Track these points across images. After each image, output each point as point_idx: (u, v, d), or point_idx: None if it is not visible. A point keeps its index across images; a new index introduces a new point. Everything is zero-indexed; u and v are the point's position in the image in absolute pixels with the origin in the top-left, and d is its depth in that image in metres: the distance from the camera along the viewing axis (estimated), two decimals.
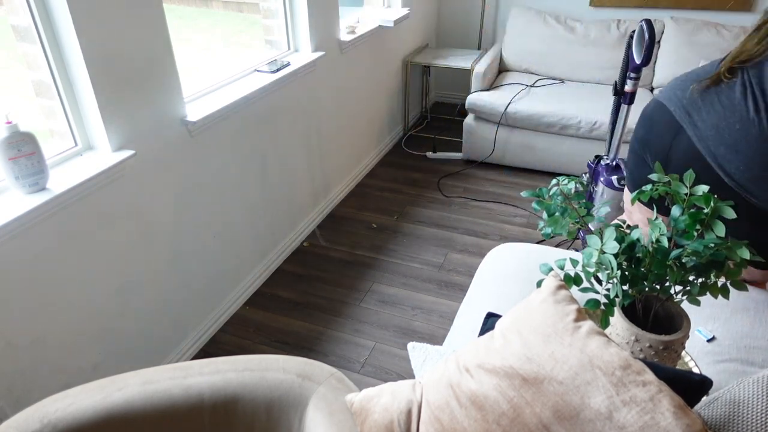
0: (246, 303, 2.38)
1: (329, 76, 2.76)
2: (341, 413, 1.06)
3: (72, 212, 1.52)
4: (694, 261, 1.02)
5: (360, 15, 3.23)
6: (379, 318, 2.28)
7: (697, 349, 1.39)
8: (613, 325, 1.16)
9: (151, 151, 1.74)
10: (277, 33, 2.51)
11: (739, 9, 3.41)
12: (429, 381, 1.02)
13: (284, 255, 2.64)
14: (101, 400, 1.06)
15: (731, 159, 1.33)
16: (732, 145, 1.33)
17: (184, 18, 7.30)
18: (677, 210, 1.07)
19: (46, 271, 1.48)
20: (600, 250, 1.06)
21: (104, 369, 1.73)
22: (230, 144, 2.11)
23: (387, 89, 3.55)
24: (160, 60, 1.71)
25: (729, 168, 1.34)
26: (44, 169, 1.43)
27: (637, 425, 0.79)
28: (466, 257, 2.64)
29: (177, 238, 1.93)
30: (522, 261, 1.74)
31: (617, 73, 3.49)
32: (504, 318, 1.04)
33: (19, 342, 1.45)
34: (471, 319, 1.55)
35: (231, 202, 2.19)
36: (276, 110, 2.37)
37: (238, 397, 1.10)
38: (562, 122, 3.10)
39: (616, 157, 2.41)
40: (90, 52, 1.47)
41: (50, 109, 1.55)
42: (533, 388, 0.87)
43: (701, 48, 3.30)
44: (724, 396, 0.92)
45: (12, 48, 4.16)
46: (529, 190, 1.24)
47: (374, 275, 2.52)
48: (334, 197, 3.07)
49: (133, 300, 1.79)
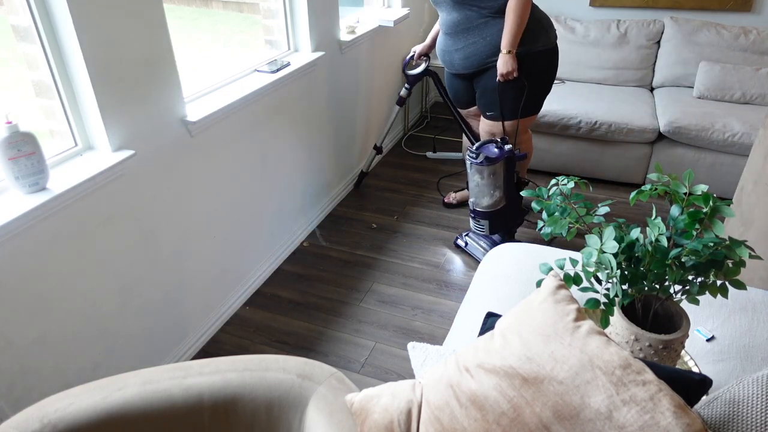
0: (246, 303, 2.38)
1: (329, 76, 2.76)
2: (341, 413, 1.07)
3: (72, 212, 1.52)
4: (694, 260, 1.02)
5: (360, 15, 3.23)
6: (379, 318, 2.28)
7: (697, 348, 1.39)
8: (613, 324, 1.16)
9: (151, 151, 1.74)
10: (277, 33, 2.51)
11: (738, 9, 3.41)
12: (429, 381, 1.02)
13: (284, 255, 2.64)
14: (101, 400, 1.06)
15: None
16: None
17: (184, 18, 7.30)
18: (676, 209, 1.07)
19: (46, 271, 1.48)
20: (599, 249, 1.06)
21: (104, 369, 1.73)
22: (230, 144, 2.12)
23: (387, 89, 3.56)
24: (160, 60, 1.71)
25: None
26: (44, 169, 1.43)
27: (637, 424, 0.79)
28: (466, 257, 2.64)
29: (177, 238, 1.93)
30: (522, 261, 1.74)
31: (617, 73, 3.49)
32: (504, 318, 1.04)
33: (20, 342, 1.45)
34: (471, 319, 1.55)
35: (231, 201, 2.19)
36: (276, 110, 2.37)
37: (238, 397, 1.10)
38: (562, 122, 3.10)
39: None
40: (90, 52, 1.47)
41: (50, 109, 1.55)
42: (533, 387, 0.87)
43: (701, 48, 3.30)
44: (723, 395, 0.92)
45: (12, 48, 4.16)
46: (529, 190, 1.24)
47: (374, 275, 2.53)
48: (334, 197, 3.07)
49: (133, 300, 1.79)
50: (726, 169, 2.97)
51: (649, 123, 3.00)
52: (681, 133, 2.94)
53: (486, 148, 2.32)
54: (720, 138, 2.87)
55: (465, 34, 2.32)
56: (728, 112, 2.99)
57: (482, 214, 2.43)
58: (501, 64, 2.24)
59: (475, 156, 2.29)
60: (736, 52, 3.25)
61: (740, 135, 2.84)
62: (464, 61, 2.38)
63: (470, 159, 2.31)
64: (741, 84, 3.12)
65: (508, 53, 2.22)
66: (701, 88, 3.19)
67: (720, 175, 2.99)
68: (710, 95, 3.18)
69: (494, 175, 2.31)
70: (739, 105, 3.11)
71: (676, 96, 3.23)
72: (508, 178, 2.35)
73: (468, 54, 2.35)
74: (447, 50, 2.43)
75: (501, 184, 2.34)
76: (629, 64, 3.46)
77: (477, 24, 2.28)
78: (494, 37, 2.26)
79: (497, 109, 2.40)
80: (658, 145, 3.06)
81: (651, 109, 3.15)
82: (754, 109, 3.03)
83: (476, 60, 2.35)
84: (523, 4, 2.15)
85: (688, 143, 2.98)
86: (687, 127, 2.92)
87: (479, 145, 2.32)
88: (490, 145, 2.33)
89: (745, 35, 3.25)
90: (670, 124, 2.95)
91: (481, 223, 2.47)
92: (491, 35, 2.27)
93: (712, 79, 3.17)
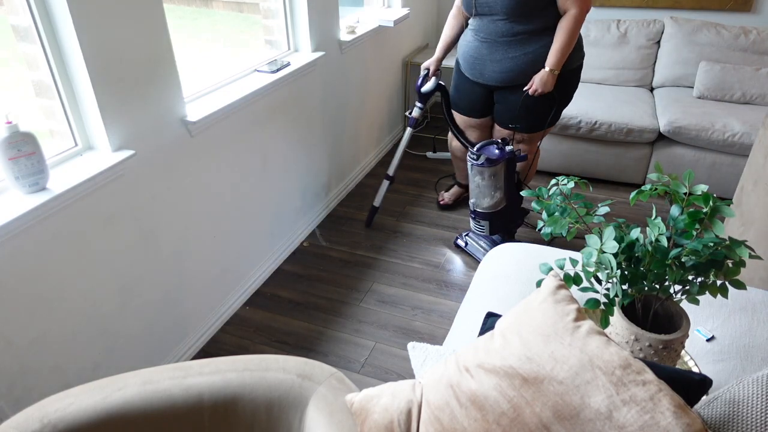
0: (246, 303, 2.38)
1: (329, 76, 2.76)
2: (341, 413, 1.07)
3: (72, 212, 1.52)
4: (694, 260, 1.02)
5: (360, 15, 3.23)
6: (379, 318, 2.28)
7: (697, 348, 1.39)
8: (613, 324, 1.16)
9: (151, 151, 1.74)
10: (277, 33, 2.51)
11: (738, 9, 3.41)
12: (429, 381, 1.02)
13: (284, 255, 2.64)
14: (101, 400, 1.06)
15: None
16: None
17: (184, 18, 7.30)
18: (676, 209, 1.07)
19: (46, 271, 1.48)
20: (599, 249, 1.06)
21: (104, 369, 1.73)
22: (230, 144, 2.12)
23: (387, 89, 3.56)
24: (160, 60, 1.71)
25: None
26: (44, 169, 1.43)
27: (637, 424, 0.79)
28: (466, 257, 2.64)
29: (177, 238, 1.93)
30: (522, 261, 1.74)
31: (617, 73, 3.49)
32: (504, 318, 1.04)
33: (19, 341, 1.45)
34: (471, 319, 1.55)
35: (231, 201, 2.19)
36: (276, 110, 2.37)
37: (238, 397, 1.10)
38: (562, 122, 3.10)
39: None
40: (90, 52, 1.47)
41: (50, 109, 1.55)
42: (533, 387, 0.87)
43: (701, 48, 3.30)
44: (723, 395, 0.92)
45: (12, 48, 4.15)
46: (529, 190, 1.24)
47: (374, 275, 2.52)
48: (334, 197, 3.07)
49: (134, 300, 1.79)
50: (726, 169, 2.97)
51: (649, 123, 3.00)
52: (681, 133, 2.94)
53: (487, 149, 2.32)
54: (720, 138, 2.87)
55: (506, 46, 2.22)
56: (728, 112, 2.99)
57: (483, 215, 2.42)
58: (541, 81, 2.17)
59: (476, 157, 2.28)
60: (736, 52, 3.25)
61: (740, 135, 2.84)
62: (500, 75, 2.28)
63: (471, 160, 2.31)
64: (741, 84, 3.12)
65: (551, 71, 2.15)
66: (701, 88, 3.19)
67: (720, 175, 2.99)
68: (710, 95, 3.18)
69: (495, 176, 2.31)
70: (739, 105, 3.11)
71: (676, 96, 3.23)
72: (508, 179, 2.35)
73: (506, 68, 2.25)
74: (479, 58, 2.31)
75: (501, 185, 2.34)
76: (629, 64, 3.46)
77: (521, 38, 2.18)
78: (536, 54, 2.18)
79: (523, 122, 2.35)
80: (658, 145, 3.07)
81: (651, 109, 3.15)
82: (754, 109, 3.03)
83: (514, 75, 2.25)
84: (577, 23, 2.09)
85: (688, 143, 2.98)
86: (687, 127, 2.92)
87: (480, 147, 2.32)
88: (490, 147, 2.32)
89: (745, 35, 3.25)
90: (670, 124, 2.95)
91: (481, 224, 2.47)
92: (533, 52, 2.19)
93: (712, 79, 3.17)
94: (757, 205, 1.98)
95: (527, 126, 2.37)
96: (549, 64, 2.15)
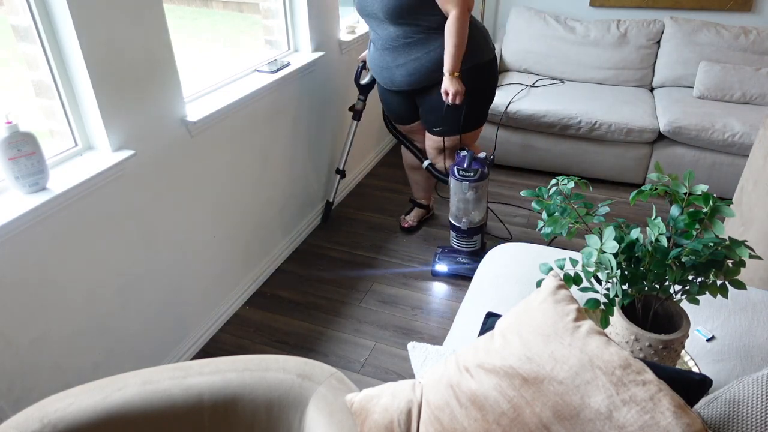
0: (246, 303, 2.38)
1: (329, 76, 2.76)
2: (341, 413, 1.07)
3: (72, 212, 1.52)
4: (694, 260, 1.02)
5: None
6: (379, 318, 2.28)
7: (697, 348, 1.39)
8: (613, 324, 1.16)
9: (151, 151, 1.74)
10: (277, 33, 2.51)
11: (738, 9, 3.41)
12: (429, 381, 1.02)
13: (284, 255, 2.64)
14: (101, 400, 1.06)
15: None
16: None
17: (184, 18, 7.30)
18: (676, 209, 1.07)
19: (46, 271, 1.48)
20: (599, 249, 1.06)
21: (104, 369, 1.73)
22: (230, 144, 2.12)
23: None
24: (160, 60, 1.71)
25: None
26: (44, 169, 1.43)
27: (637, 424, 0.79)
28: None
29: (177, 238, 1.93)
30: (522, 261, 1.74)
31: (617, 73, 3.49)
32: (504, 318, 1.04)
33: (19, 341, 1.45)
34: (471, 319, 1.55)
35: (231, 201, 2.19)
36: (276, 110, 2.37)
37: (238, 397, 1.10)
38: (562, 122, 3.11)
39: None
40: (90, 52, 1.48)
41: (50, 109, 1.55)
42: (533, 387, 0.87)
43: (701, 48, 3.30)
44: (723, 395, 0.92)
45: (12, 48, 4.15)
46: (529, 190, 1.24)
47: (374, 275, 2.52)
48: (333, 197, 3.07)
49: (134, 300, 1.79)
50: (726, 169, 2.97)
51: (649, 123, 3.00)
52: (681, 133, 2.94)
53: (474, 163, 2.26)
54: (720, 138, 2.87)
55: (406, 49, 2.15)
56: (728, 112, 2.99)
57: (475, 230, 2.41)
58: (447, 86, 2.08)
59: (473, 174, 2.26)
60: (736, 52, 3.25)
61: (740, 135, 2.84)
62: (408, 78, 2.21)
63: (466, 179, 2.26)
64: (741, 84, 3.12)
65: (450, 75, 2.07)
66: (701, 88, 3.19)
67: (720, 175, 2.99)
68: (710, 95, 3.18)
69: (483, 187, 2.30)
70: (739, 105, 3.11)
71: (676, 96, 3.23)
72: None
73: (411, 70, 2.18)
74: (385, 66, 2.24)
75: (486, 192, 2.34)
76: (629, 64, 3.46)
77: (418, 39, 2.11)
78: (438, 51, 2.11)
79: (446, 125, 2.27)
80: (658, 145, 3.07)
81: (651, 109, 3.15)
82: (754, 109, 3.03)
83: (421, 76, 2.18)
84: (461, 24, 2.00)
85: (688, 143, 2.98)
86: (687, 127, 2.92)
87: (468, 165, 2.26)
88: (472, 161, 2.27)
89: (745, 35, 3.25)
90: (670, 124, 2.95)
91: (473, 239, 2.44)
92: (435, 50, 2.11)
93: (712, 79, 3.17)
94: (757, 205, 1.98)
95: (449, 130, 2.28)
96: (447, 69, 2.07)
